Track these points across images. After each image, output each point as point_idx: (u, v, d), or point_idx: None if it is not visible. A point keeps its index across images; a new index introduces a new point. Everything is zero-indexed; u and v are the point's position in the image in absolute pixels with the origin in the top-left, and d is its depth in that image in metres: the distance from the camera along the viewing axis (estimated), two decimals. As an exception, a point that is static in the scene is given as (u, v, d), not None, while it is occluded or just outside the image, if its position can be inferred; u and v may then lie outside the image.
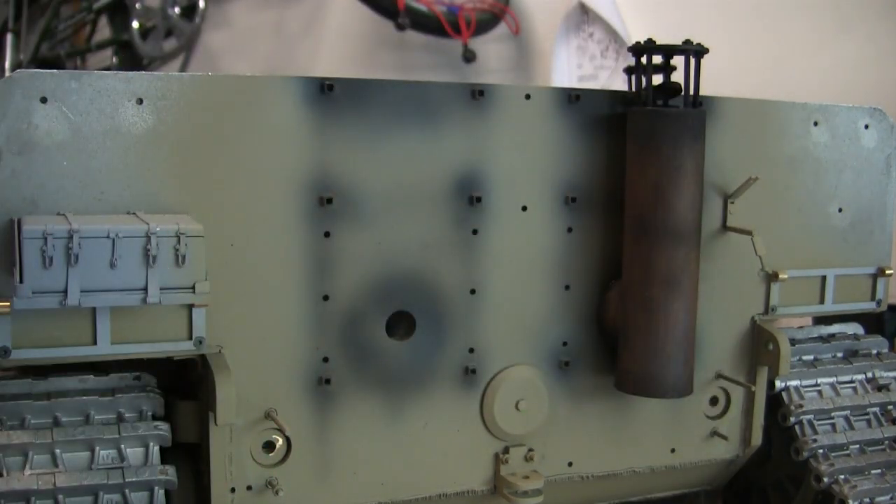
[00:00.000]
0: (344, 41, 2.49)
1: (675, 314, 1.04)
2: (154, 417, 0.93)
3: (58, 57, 3.10)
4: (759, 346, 1.19)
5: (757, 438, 1.23)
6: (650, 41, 1.06)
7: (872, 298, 1.27)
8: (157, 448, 0.91)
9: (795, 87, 1.47)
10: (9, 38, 3.00)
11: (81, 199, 0.87)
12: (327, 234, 0.97)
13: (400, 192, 0.99)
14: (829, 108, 1.20)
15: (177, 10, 2.75)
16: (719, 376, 1.19)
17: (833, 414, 1.23)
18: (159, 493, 0.90)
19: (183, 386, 1.01)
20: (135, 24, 2.84)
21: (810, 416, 1.22)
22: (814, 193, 1.21)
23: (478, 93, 1.02)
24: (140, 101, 0.88)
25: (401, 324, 1.03)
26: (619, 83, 1.13)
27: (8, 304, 0.83)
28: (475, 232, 1.04)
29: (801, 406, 1.21)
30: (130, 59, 2.89)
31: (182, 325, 0.91)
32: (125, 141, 0.88)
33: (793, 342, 1.23)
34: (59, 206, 0.86)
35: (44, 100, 0.85)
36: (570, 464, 1.14)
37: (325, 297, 0.98)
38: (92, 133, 0.87)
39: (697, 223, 1.05)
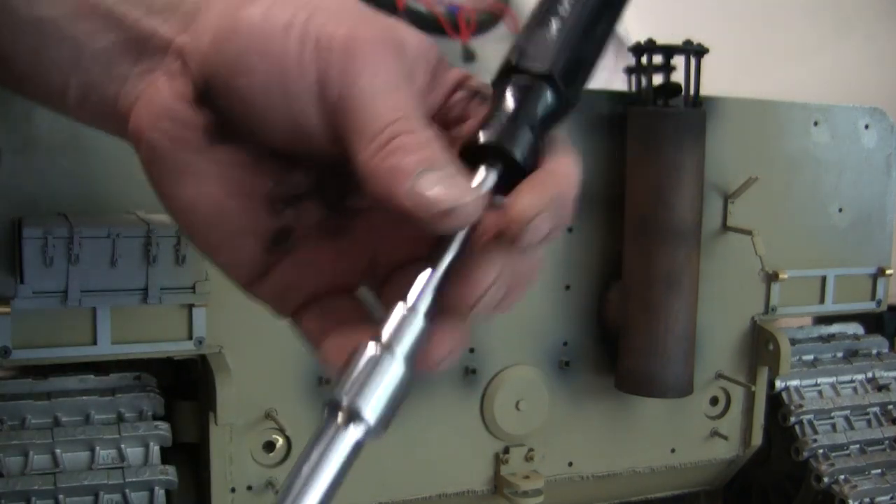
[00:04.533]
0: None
1: (675, 314, 1.04)
2: (154, 417, 0.93)
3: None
4: (759, 346, 1.19)
5: (757, 438, 1.23)
6: (650, 41, 1.06)
7: (872, 298, 1.27)
8: (157, 448, 0.91)
9: (795, 87, 1.47)
10: (9, 38, 2.99)
11: (81, 199, 0.87)
12: (327, 234, 0.97)
13: (400, 192, 0.99)
14: (829, 108, 1.20)
15: (177, 10, 2.75)
16: (719, 376, 1.19)
17: (833, 414, 1.23)
18: (159, 493, 0.90)
19: (183, 386, 1.01)
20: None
21: (810, 416, 1.22)
22: (814, 193, 1.21)
23: (478, 93, 1.02)
24: (140, 101, 0.88)
25: (401, 324, 1.03)
26: (619, 83, 1.13)
27: (8, 304, 0.83)
28: (475, 232, 1.04)
29: (801, 406, 1.21)
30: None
31: (182, 325, 0.91)
32: (125, 141, 0.88)
33: (793, 342, 1.23)
34: (60, 206, 0.86)
35: (44, 100, 0.85)
36: (570, 464, 1.14)
37: (326, 297, 0.98)
38: (92, 133, 0.87)
39: (698, 223, 1.05)
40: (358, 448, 0.35)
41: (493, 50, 2.44)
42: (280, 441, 0.99)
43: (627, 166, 1.05)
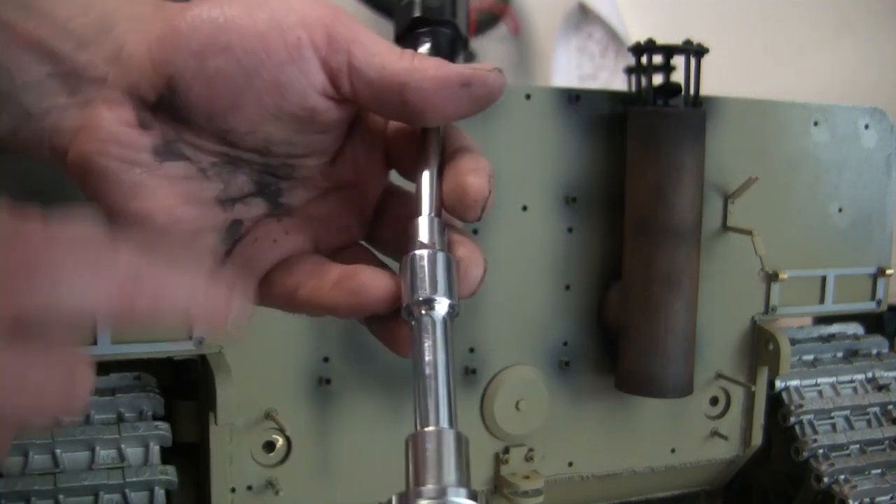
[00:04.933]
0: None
1: (675, 314, 1.04)
2: (154, 417, 0.93)
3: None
4: (759, 346, 1.19)
5: (757, 438, 1.23)
6: (650, 41, 1.06)
7: (872, 298, 1.27)
8: (157, 448, 0.91)
9: (795, 87, 1.47)
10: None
11: (82, 199, 0.87)
12: (327, 234, 0.97)
13: (400, 192, 0.99)
14: (829, 108, 1.20)
15: (177, 10, 2.75)
16: (719, 376, 1.19)
17: (833, 414, 1.23)
18: (159, 493, 0.90)
19: (183, 386, 1.01)
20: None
21: (810, 416, 1.22)
22: (814, 193, 1.21)
23: (478, 93, 1.01)
24: (140, 101, 0.88)
25: (401, 324, 1.03)
26: (619, 83, 1.13)
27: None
28: (475, 232, 1.04)
29: (801, 406, 1.21)
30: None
31: (182, 325, 0.91)
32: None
33: (793, 342, 1.23)
34: (60, 207, 0.86)
35: (44, 100, 0.85)
36: (570, 464, 1.14)
37: (326, 297, 0.98)
38: (92, 133, 0.87)
39: (698, 223, 1.05)
40: (447, 323, 0.42)
41: (493, 50, 2.45)
42: (280, 441, 0.99)
43: (627, 166, 1.05)
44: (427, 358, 0.41)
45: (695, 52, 1.05)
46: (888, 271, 1.26)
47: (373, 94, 0.44)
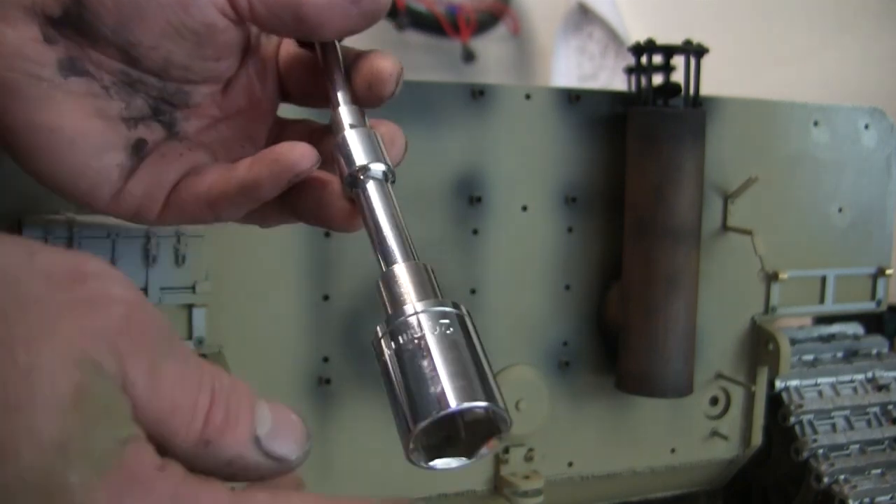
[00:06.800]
0: (343, 41, 2.48)
1: (675, 314, 1.04)
2: (154, 417, 0.93)
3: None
4: (759, 346, 1.19)
5: (757, 438, 1.23)
6: (650, 41, 1.06)
7: (872, 298, 1.27)
8: (157, 448, 0.91)
9: (795, 87, 1.47)
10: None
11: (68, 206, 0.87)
12: (327, 234, 0.97)
13: (400, 192, 0.99)
14: (829, 108, 1.20)
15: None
16: (719, 376, 1.19)
17: (833, 414, 1.23)
18: (159, 493, 0.89)
19: (183, 386, 1.00)
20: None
21: (810, 416, 1.22)
22: (814, 193, 1.21)
23: (478, 93, 1.02)
24: (140, 101, 0.88)
25: (401, 324, 1.03)
26: (619, 83, 1.13)
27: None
28: (475, 232, 1.04)
29: (801, 406, 1.21)
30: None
31: (182, 325, 0.91)
32: None
33: (793, 342, 1.23)
34: (60, 207, 0.86)
35: (44, 100, 0.85)
36: (570, 464, 1.14)
37: (326, 297, 0.98)
38: (92, 133, 0.87)
39: (697, 223, 1.05)
40: (387, 182, 0.47)
41: (493, 50, 2.45)
42: (280, 441, 0.99)
43: (627, 166, 1.05)
44: (379, 209, 0.47)
45: (695, 52, 1.05)
46: (888, 271, 1.26)
47: (269, 12, 0.47)
